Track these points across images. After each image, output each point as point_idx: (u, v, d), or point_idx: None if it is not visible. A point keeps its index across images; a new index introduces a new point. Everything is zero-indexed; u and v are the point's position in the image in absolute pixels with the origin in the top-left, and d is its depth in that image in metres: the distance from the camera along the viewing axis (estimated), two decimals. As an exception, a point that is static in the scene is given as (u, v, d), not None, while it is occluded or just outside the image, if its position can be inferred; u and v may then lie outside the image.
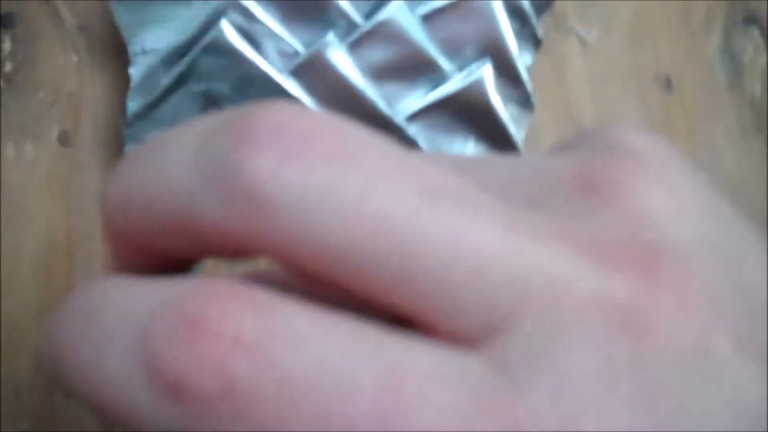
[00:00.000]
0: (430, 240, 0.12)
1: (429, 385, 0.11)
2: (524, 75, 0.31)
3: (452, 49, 0.30)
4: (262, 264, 0.15)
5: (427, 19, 0.29)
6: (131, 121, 0.28)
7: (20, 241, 0.28)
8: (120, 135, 0.29)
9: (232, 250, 0.13)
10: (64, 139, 0.29)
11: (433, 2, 0.29)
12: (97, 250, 0.29)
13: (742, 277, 0.13)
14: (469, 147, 0.32)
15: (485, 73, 0.30)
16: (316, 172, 0.12)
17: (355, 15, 0.28)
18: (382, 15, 0.28)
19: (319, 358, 0.11)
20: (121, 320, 0.12)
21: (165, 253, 0.14)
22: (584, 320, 0.12)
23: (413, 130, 0.30)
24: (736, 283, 0.13)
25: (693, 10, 0.36)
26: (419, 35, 0.29)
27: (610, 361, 0.12)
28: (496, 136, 0.31)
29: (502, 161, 0.15)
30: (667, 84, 0.35)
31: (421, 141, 0.30)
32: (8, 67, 0.29)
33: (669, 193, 0.14)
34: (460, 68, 0.30)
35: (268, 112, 0.12)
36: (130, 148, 0.29)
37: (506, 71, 0.31)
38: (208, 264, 0.29)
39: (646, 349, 0.12)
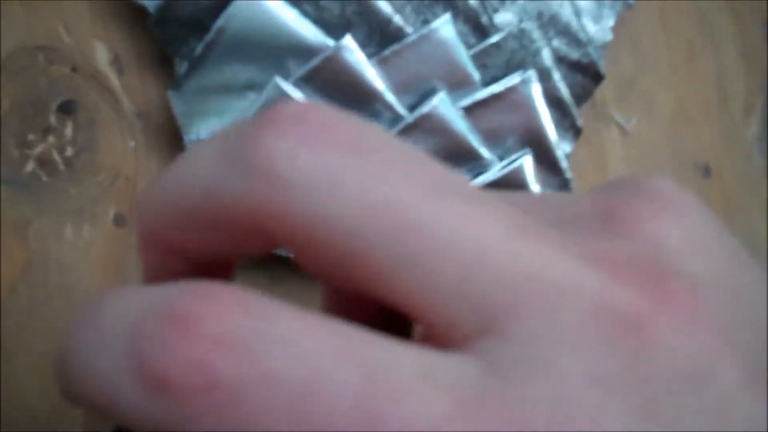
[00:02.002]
0: (431, 228, 0.12)
1: (412, 386, 0.11)
2: (563, 163, 0.32)
3: (493, 139, 0.31)
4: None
5: (469, 111, 0.30)
6: (184, 205, 0.29)
7: (75, 319, 0.29)
8: (173, 218, 0.30)
9: (253, 236, 0.13)
10: (119, 221, 0.30)
11: (474, 95, 0.30)
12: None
13: (757, 318, 0.13)
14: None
15: (525, 162, 0.31)
16: (329, 157, 0.13)
17: (400, 107, 0.29)
18: (426, 108, 0.29)
19: (304, 357, 0.11)
20: (116, 323, 0.12)
21: (196, 258, 0.15)
22: (584, 326, 0.12)
23: (454, 216, 0.31)
24: (749, 320, 0.13)
25: (732, 99, 0.37)
26: (461, 126, 0.30)
27: (608, 370, 0.12)
28: (535, 222, 0.32)
29: (530, 193, 0.15)
30: (706, 171, 0.36)
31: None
32: (69, 151, 0.31)
33: (689, 231, 0.14)
34: (501, 157, 0.31)
35: (292, 103, 0.13)
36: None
37: (546, 159, 0.32)
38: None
39: (646, 362, 0.12)
